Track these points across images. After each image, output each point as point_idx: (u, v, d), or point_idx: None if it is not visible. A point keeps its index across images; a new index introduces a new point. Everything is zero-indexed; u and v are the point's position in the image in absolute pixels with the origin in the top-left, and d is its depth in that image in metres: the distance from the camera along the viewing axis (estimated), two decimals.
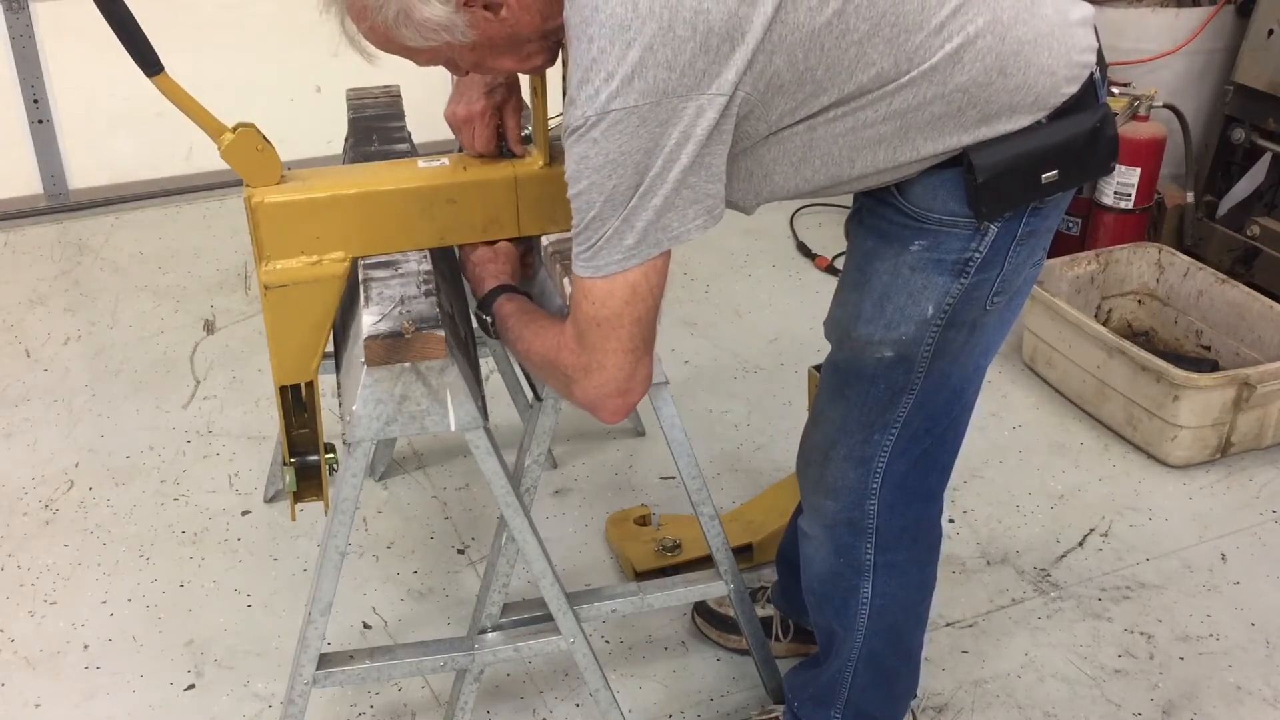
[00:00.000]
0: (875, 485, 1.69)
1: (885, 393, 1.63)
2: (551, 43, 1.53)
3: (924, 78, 1.41)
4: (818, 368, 2.36)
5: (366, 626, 2.30)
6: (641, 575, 2.32)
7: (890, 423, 1.65)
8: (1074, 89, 1.48)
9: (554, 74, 1.75)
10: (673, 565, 2.33)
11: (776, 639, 2.20)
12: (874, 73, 1.39)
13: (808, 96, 1.40)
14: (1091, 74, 1.50)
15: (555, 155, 1.77)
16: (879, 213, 1.57)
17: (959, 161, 1.47)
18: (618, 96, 1.30)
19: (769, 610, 2.22)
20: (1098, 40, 1.53)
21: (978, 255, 1.53)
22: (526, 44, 1.49)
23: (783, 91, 1.39)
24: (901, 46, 1.39)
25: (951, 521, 2.57)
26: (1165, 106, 3.34)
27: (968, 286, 1.55)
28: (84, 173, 4.04)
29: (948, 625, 2.29)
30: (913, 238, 1.54)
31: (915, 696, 1.97)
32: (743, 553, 2.38)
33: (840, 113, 1.43)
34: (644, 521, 2.44)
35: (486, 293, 1.69)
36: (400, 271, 1.70)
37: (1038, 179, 1.49)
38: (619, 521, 2.48)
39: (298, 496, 1.82)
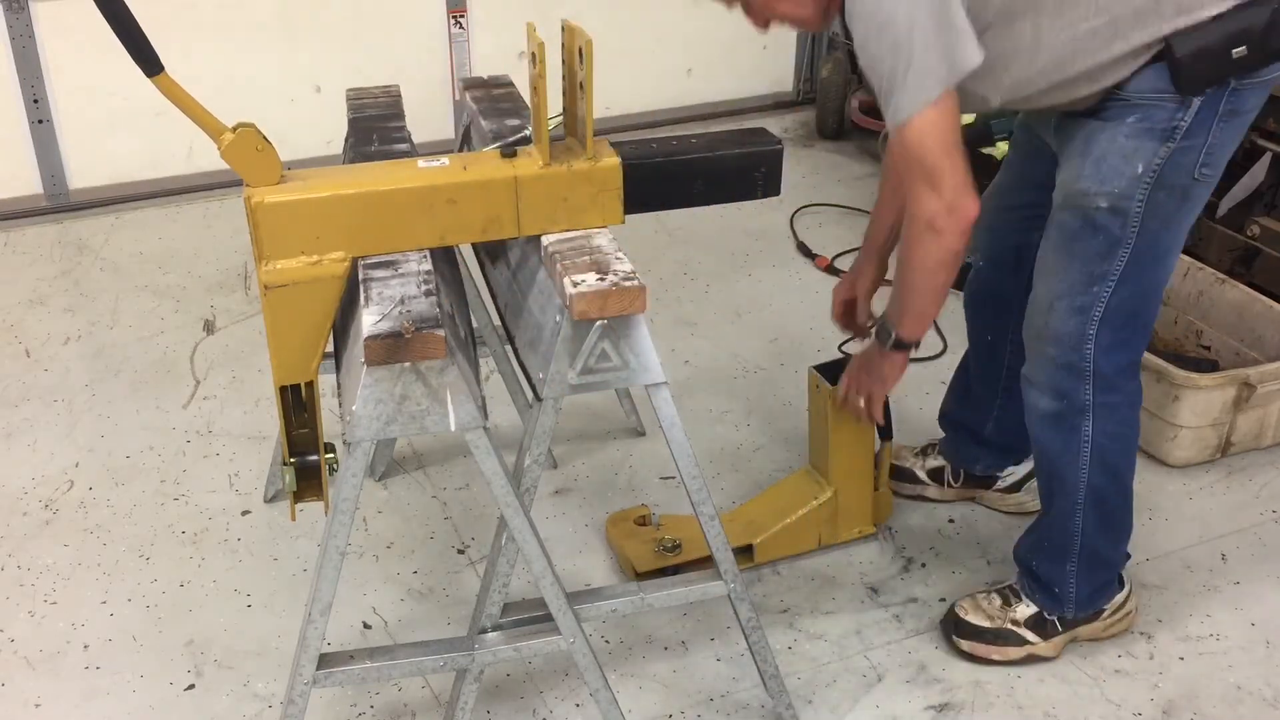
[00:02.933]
0: (1092, 332, 1.95)
1: (1103, 244, 1.91)
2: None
3: None
4: (818, 367, 2.37)
5: (366, 626, 2.30)
6: (641, 575, 2.32)
7: (1107, 274, 1.92)
8: None
9: (554, 74, 1.76)
10: (673, 565, 2.33)
11: (948, 485, 2.59)
12: None
13: None
14: None
15: (554, 155, 1.77)
16: (1096, 110, 1.89)
17: (1161, 57, 1.79)
18: None
19: (939, 461, 2.60)
20: None
21: (1183, 124, 1.83)
22: None
23: None
24: None
25: (952, 521, 2.58)
26: None
27: (1174, 151, 1.85)
28: (84, 173, 4.04)
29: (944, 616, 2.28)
30: (1127, 113, 1.85)
31: (1132, 533, 2.21)
32: (743, 553, 2.38)
33: (1057, 4, 1.78)
34: (644, 521, 2.45)
35: (891, 346, 2.05)
36: (400, 271, 1.70)
37: (1229, 55, 1.79)
38: (619, 521, 2.48)
39: (298, 496, 1.83)
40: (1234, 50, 1.78)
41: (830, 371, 2.37)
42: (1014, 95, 1.91)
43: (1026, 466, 2.54)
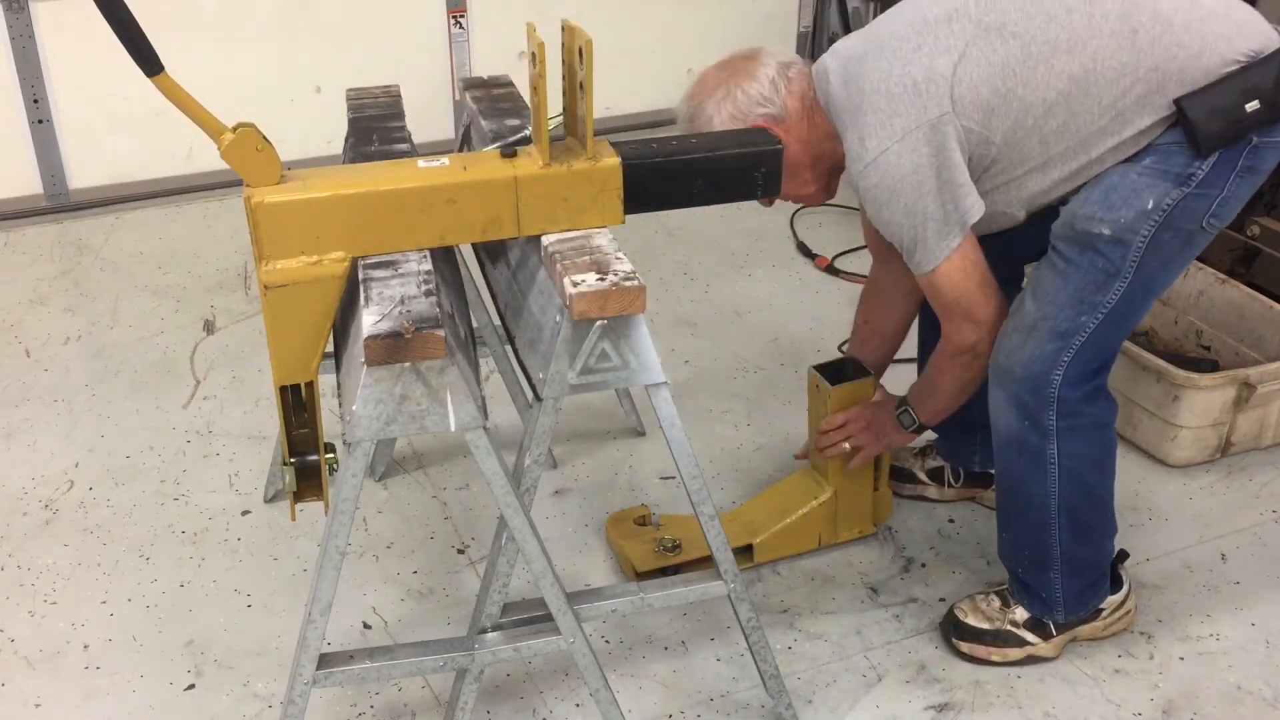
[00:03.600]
0: (1066, 359, 1.95)
1: (1100, 274, 1.92)
2: (823, 173, 2.11)
3: (1116, 73, 1.84)
4: (818, 367, 2.38)
5: (366, 626, 2.30)
6: (641, 575, 2.32)
7: (1099, 305, 1.93)
8: (1255, 44, 1.84)
9: (554, 74, 1.75)
10: (673, 565, 2.33)
11: (948, 485, 2.60)
12: (1065, 79, 1.85)
13: (1020, 112, 1.88)
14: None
15: (554, 155, 1.77)
16: None
17: (1176, 123, 1.86)
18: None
19: (938, 461, 2.61)
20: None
21: (1200, 171, 1.86)
22: (801, 171, 2.06)
23: (994, 113, 1.88)
24: (1079, 55, 1.85)
25: (951, 521, 2.57)
26: None
27: (1187, 195, 1.87)
28: (84, 173, 4.04)
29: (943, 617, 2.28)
30: (1143, 155, 1.89)
31: (1117, 531, 2.21)
32: (743, 553, 2.38)
33: (1061, 121, 1.88)
34: (644, 521, 2.44)
35: (905, 431, 2.29)
36: (400, 271, 1.70)
37: (1244, 109, 1.82)
38: (619, 521, 2.48)
39: (298, 496, 1.82)
40: (1248, 105, 1.82)
41: (830, 372, 2.37)
42: (1035, 205, 2.00)
43: None
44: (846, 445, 2.32)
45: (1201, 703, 2.14)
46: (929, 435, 2.62)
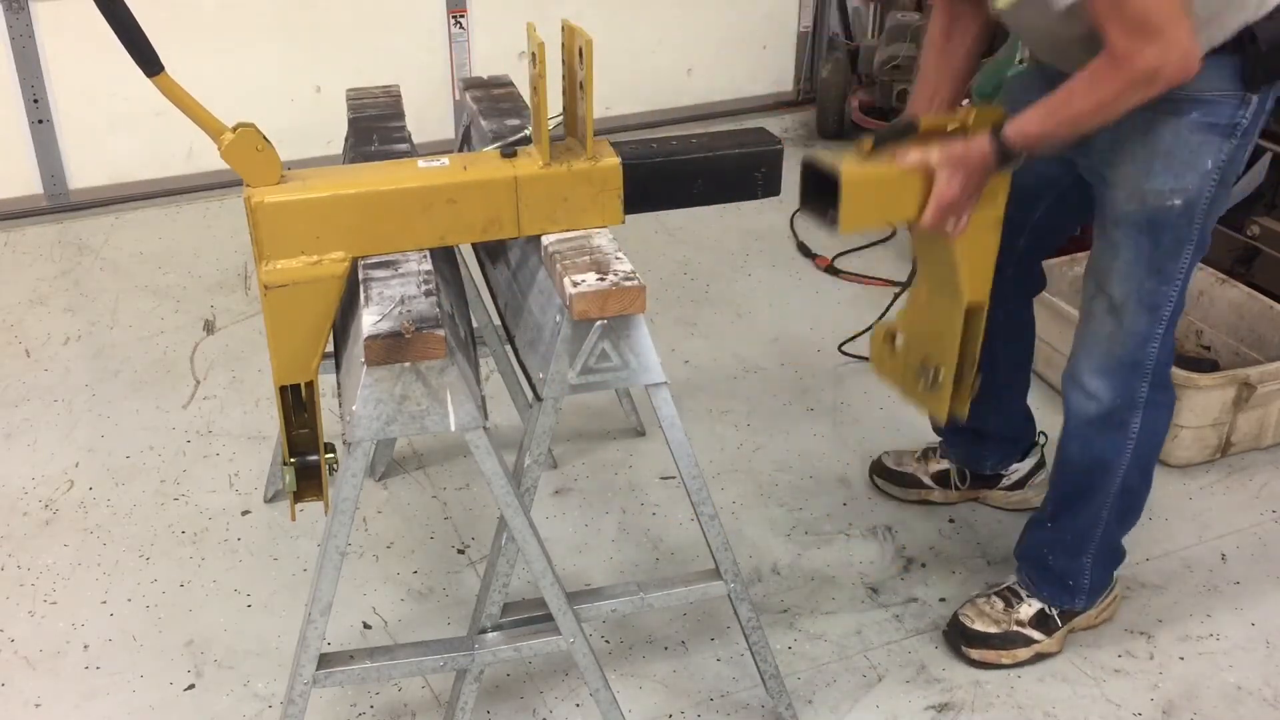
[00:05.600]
0: (1159, 331, 1.98)
1: (1172, 242, 1.91)
2: None
3: None
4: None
5: (366, 626, 2.30)
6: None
7: (1175, 274, 1.94)
8: None
9: (554, 74, 1.75)
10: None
11: (954, 488, 2.59)
12: None
13: None
14: None
15: (554, 155, 1.77)
16: (1146, 105, 1.81)
17: (1230, 49, 1.77)
18: None
19: (943, 464, 2.59)
20: None
21: (1244, 121, 1.85)
22: None
23: None
24: None
25: (951, 522, 2.58)
26: None
27: (1235, 148, 1.87)
28: (84, 173, 4.04)
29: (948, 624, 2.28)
30: (1191, 108, 1.84)
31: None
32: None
33: None
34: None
35: (994, 150, 1.86)
36: (400, 271, 1.70)
37: None
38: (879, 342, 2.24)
39: (298, 496, 1.83)
40: None
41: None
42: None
43: (1030, 462, 2.56)
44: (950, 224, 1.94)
45: (1201, 703, 2.14)
46: (932, 438, 2.61)
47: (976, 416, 2.45)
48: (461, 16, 4.33)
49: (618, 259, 1.72)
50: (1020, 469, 2.57)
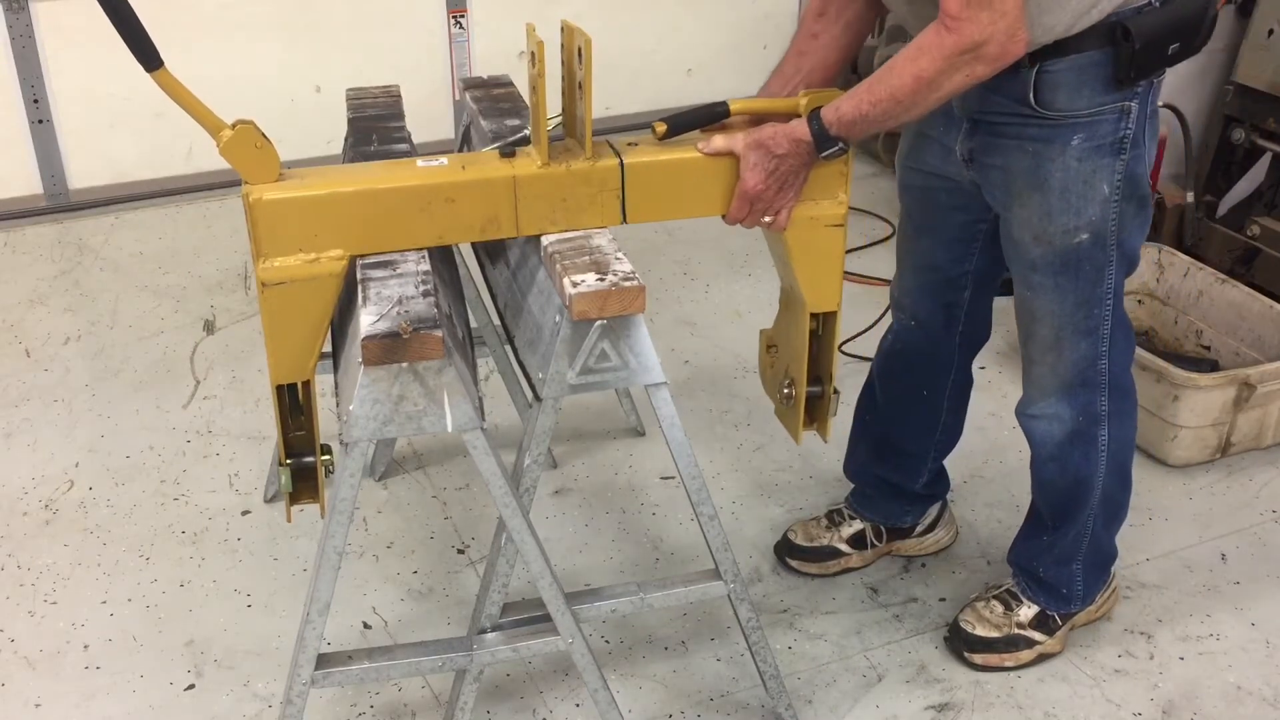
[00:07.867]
0: (1104, 348, 1.96)
1: (1092, 272, 1.88)
2: None
3: None
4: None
5: (366, 626, 2.30)
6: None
7: (1103, 296, 1.92)
8: None
9: (553, 74, 1.75)
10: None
11: (872, 546, 2.41)
12: None
13: None
14: None
15: (553, 155, 1.77)
16: (1024, 133, 1.81)
17: (1096, 45, 1.69)
18: None
19: (855, 525, 2.41)
20: None
21: (1129, 132, 1.79)
22: None
23: None
24: None
25: None
26: (1165, 106, 3.33)
27: (1128, 161, 1.81)
28: (84, 173, 4.04)
29: (948, 624, 2.28)
30: (1070, 134, 1.78)
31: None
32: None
33: None
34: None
35: (811, 133, 1.70)
36: (398, 271, 1.70)
37: (1165, 50, 1.73)
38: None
39: (294, 498, 1.82)
40: (1170, 46, 1.73)
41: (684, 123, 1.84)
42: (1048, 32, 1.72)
43: (937, 506, 2.45)
44: (766, 218, 1.84)
45: (1201, 703, 2.14)
46: (833, 498, 2.50)
47: (905, 477, 2.36)
48: (461, 16, 4.33)
49: (617, 259, 1.72)
50: (930, 513, 2.45)
